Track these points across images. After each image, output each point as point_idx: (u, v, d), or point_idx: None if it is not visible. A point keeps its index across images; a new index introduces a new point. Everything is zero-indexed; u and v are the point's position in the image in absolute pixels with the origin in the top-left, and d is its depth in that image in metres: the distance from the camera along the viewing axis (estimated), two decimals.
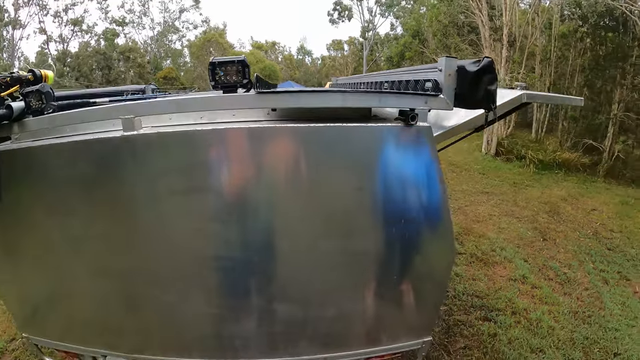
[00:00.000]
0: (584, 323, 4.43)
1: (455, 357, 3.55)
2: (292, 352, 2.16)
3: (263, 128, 1.77)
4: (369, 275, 2.09)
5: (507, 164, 12.12)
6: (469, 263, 5.21)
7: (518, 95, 2.08)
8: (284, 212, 1.92)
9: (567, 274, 5.49)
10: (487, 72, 1.73)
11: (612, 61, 13.66)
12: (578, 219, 8.00)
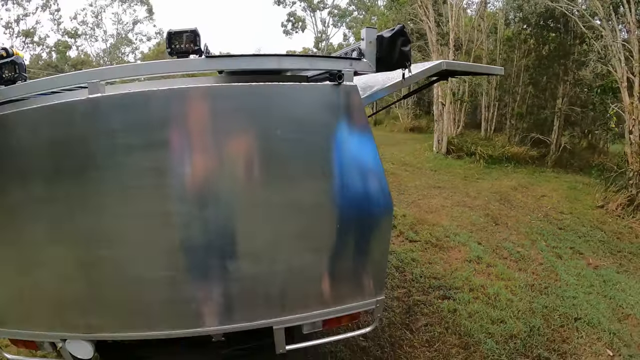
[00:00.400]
0: (542, 294, 4.88)
1: (418, 334, 3.77)
2: (249, 317, 2.29)
3: (210, 87, 2.16)
4: (313, 234, 2.31)
5: (458, 160, 12.92)
6: (425, 249, 5.54)
7: (438, 63, 2.45)
8: (232, 167, 2.13)
9: (521, 252, 6.02)
10: (400, 36, 2.17)
11: (555, 59, 15.18)
12: (528, 205, 8.70)
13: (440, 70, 2.47)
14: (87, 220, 2.04)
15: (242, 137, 2.11)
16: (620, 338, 4.22)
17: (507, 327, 4.05)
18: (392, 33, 2.17)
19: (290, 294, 2.35)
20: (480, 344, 3.71)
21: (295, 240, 2.28)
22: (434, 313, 4.11)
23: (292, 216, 2.22)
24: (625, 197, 9.36)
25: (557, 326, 4.26)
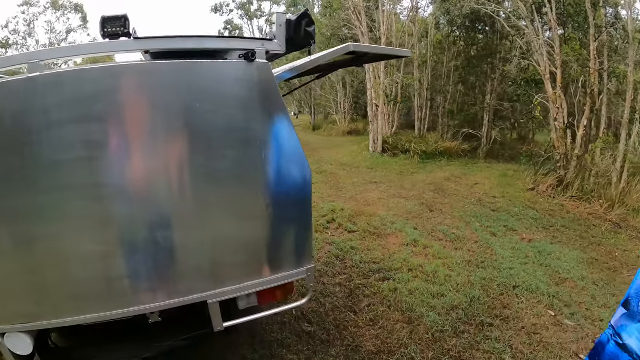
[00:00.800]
0: (479, 268, 5.26)
1: (362, 314, 3.93)
2: (182, 291, 2.35)
3: (137, 64, 2.40)
4: (237, 203, 2.45)
5: (394, 158, 13.55)
6: (363, 238, 5.76)
7: (346, 45, 2.70)
8: (159, 139, 2.26)
9: (456, 234, 6.45)
10: (304, 17, 2.50)
11: (482, 59, 16.57)
12: (462, 192, 9.30)
13: (348, 51, 2.70)
14: (22, 197, 2.08)
15: (166, 109, 2.25)
16: (560, 299, 4.66)
17: (448, 299, 4.33)
18: (297, 16, 2.50)
19: (220, 266, 2.44)
20: (423, 317, 3.94)
21: (219, 209, 2.38)
22: (376, 294, 4.30)
23: (216, 185, 2.36)
24: (554, 178, 10.26)
25: (497, 295, 4.62)
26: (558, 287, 5.03)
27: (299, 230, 2.65)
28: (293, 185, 2.55)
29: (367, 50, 3.03)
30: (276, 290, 2.65)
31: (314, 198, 7.03)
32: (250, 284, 2.50)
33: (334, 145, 16.54)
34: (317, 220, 6.18)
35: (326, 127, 25.69)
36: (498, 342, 3.74)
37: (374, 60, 3.50)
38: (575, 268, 5.66)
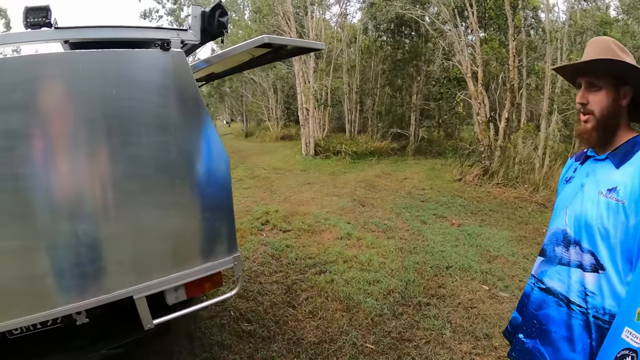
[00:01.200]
0: (411, 254, 5.44)
1: (301, 308, 3.92)
2: (106, 287, 2.25)
3: (55, 53, 2.30)
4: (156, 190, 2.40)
5: (326, 160, 13.77)
6: (298, 236, 5.77)
7: (261, 37, 2.74)
8: (76, 126, 2.19)
9: (388, 224, 6.65)
10: (218, 8, 2.56)
11: (408, 61, 17.38)
12: (392, 187, 9.61)
13: (262, 42, 2.72)
14: None
15: (83, 98, 2.21)
16: (493, 275, 4.91)
17: (384, 285, 4.42)
18: (211, 7, 2.56)
19: (144, 258, 2.36)
20: (361, 304, 3.99)
21: (139, 198, 2.32)
22: (313, 287, 4.31)
23: (135, 173, 2.30)
24: (480, 168, 10.91)
25: (431, 276, 4.78)
26: (490, 264, 5.30)
27: (222, 218, 2.63)
28: (212, 172, 2.55)
29: (282, 43, 3.06)
30: (204, 282, 2.59)
31: (247, 202, 7.04)
32: (177, 275, 2.43)
33: (267, 151, 16.54)
34: (251, 223, 6.13)
35: (259, 133, 25.68)
36: (437, 319, 3.86)
37: (291, 54, 3.53)
38: (504, 246, 5.98)
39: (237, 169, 11.24)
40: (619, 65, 1.42)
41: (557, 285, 1.53)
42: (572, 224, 1.52)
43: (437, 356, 3.33)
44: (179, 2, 23.79)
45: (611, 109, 1.47)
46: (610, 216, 1.38)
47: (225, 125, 45.79)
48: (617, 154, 1.48)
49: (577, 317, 1.44)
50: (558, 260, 1.55)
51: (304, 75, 15.14)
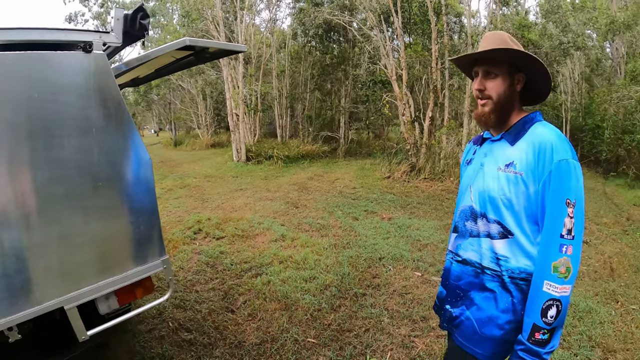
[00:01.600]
0: (345, 249, 5.60)
1: (240, 312, 3.92)
2: (34, 299, 2.15)
3: None
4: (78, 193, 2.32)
5: (258, 165, 13.76)
6: (232, 242, 5.73)
7: (182, 39, 2.74)
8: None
9: (321, 223, 6.81)
10: (140, 11, 2.56)
11: (337, 66, 17.94)
12: (324, 188, 9.80)
13: (184, 45, 2.73)
14: None
15: (4, 99, 2.11)
16: (425, 261, 5.20)
17: (320, 280, 4.52)
18: (133, 10, 2.55)
19: (72, 265, 2.27)
20: (299, 301, 4.06)
21: (63, 203, 2.24)
22: (250, 290, 4.32)
23: (58, 177, 2.23)
24: (407, 165, 11.41)
25: (365, 268, 4.96)
26: (420, 252, 5.58)
27: (147, 221, 2.58)
28: (135, 174, 2.52)
29: (203, 45, 3.07)
30: (135, 288, 2.53)
31: (178, 212, 6.91)
32: (106, 282, 2.36)
33: (198, 159, 16.23)
34: (184, 233, 6.01)
35: (188, 141, 25.01)
36: (374, 308, 4.02)
37: (214, 57, 3.53)
38: (433, 234, 6.31)
39: (166, 179, 10.94)
40: (513, 53, 1.58)
41: (472, 255, 1.68)
42: (477, 200, 1.68)
43: (377, 342, 3.48)
44: (105, 6, 22.85)
45: (507, 94, 1.63)
46: (511, 187, 1.55)
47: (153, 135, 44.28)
48: (510, 133, 1.65)
49: (494, 280, 1.60)
50: (469, 233, 1.71)
51: (233, 80, 15.03)
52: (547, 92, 1.73)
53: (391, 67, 11.80)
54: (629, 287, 5.03)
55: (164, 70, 3.69)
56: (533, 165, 1.51)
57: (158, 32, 26.61)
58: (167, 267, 2.68)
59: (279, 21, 21.24)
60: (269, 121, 24.21)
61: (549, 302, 1.43)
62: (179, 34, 17.78)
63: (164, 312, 3.81)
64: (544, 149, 1.50)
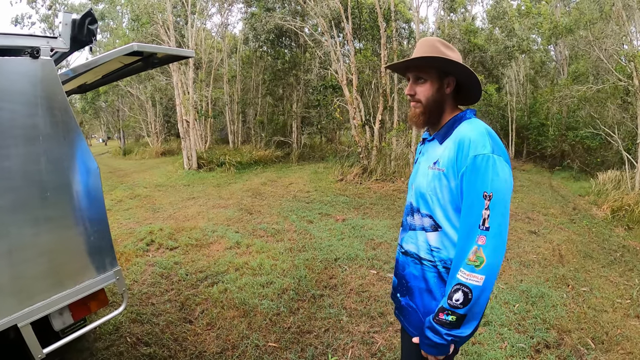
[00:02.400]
0: (301, 252, 5.68)
1: (198, 322, 3.88)
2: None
3: None
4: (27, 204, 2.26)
5: (210, 172, 13.60)
6: (186, 252, 5.66)
7: (130, 45, 2.72)
8: None
9: (276, 228, 6.85)
10: (88, 16, 2.52)
11: (288, 71, 18.07)
12: (278, 193, 9.84)
13: (132, 50, 2.71)
14: None
15: None
16: (379, 259, 5.37)
17: (277, 285, 4.56)
18: (82, 15, 2.50)
19: (22, 280, 2.19)
20: (257, 307, 4.08)
21: (9, 214, 2.16)
22: (207, 299, 4.28)
23: (2, 185, 2.15)
24: (359, 168, 11.64)
25: (322, 269, 5.05)
26: (375, 250, 5.74)
27: (98, 231, 2.53)
28: (84, 184, 2.48)
29: (151, 50, 3.05)
30: (89, 301, 2.47)
31: (130, 224, 6.76)
32: (60, 296, 2.30)
33: (148, 168, 15.81)
34: (136, 245, 5.86)
35: (138, 150, 24.21)
36: (332, 308, 4.11)
37: (163, 62, 3.49)
38: (387, 233, 6.48)
39: (116, 190, 10.60)
40: (438, 60, 1.66)
41: (411, 247, 1.80)
42: (414, 196, 1.81)
43: (338, 341, 3.56)
44: (53, 8, 21.89)
45: (435, 97, 1.72)
46: (436, 183, 1.66)
47: (101, 144, 42.72)
48: (440, 132, 1.76)
49: (430, 271, 1.71)
50: (409, 227, 1.83)
51: (183, 86, 14.76)
52: (479, 93, 1.81)
53: (342, 72, 12.02)
54: (578, 271, 5.38)
55: (112, 76, 3.63)
56: (453, 161, 1.60)
57: (107, 36, 25.80)
58: (120, 278, 2.64)
59: (231, 26, 21.18)
60: (221, 127, 23.94)
61: (457, 286, 1.51)
62: (128, 39, 17.34)
63: (121, 327, 3.72)
64: (462, 144, 1.58)
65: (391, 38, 12.60)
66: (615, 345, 3.74)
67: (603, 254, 6.32)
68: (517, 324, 3.95)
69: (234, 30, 21.64)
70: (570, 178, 13.99)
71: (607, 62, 11.72)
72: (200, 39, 17.63)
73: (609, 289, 4.98)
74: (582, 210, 9.28)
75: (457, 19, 17.76)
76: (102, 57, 2.66)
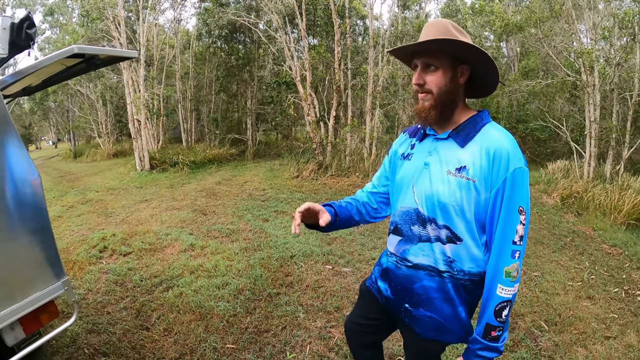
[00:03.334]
0: (256, 251, 5.74)
1: (155, 328, 3.86)
2: None
3: None
4: None
5: (163, 173, 13.34)
6: (140, 257, 5.57)
7: (70, 47, 2.68)
8: None
9: (231, 228, 6.86)
10: (26, 20, 2.52)
11: (242, 67, 17.88)
12: (233, 192, 9.84)
13: (72, 53, 2.66)
14: None
15: None
16: (334, 254, 5.53)
17: (233, 286, 4.60)
18: (20, 19, 2.50)
19: None
20: (213, 309, 4.10)
21: None
22: (163, 304, 4.26)
23: None
24: (314, 164, 11.76)
25: (277, 268, 5.13)
26: (330, 246, 5.88)
27: (42, 242, 2.47)
28: (24, 191, 2.38)
29: (93, 52, 3.00)
30: (39, 314, 2.43)
31: (82, 231, 6.62)
32: (9, 310, 2.25)
33: (99, 171, 15.31)
34: (88, 252, 5.72)
35: (89, 152, 23.21)
36: (289, 305, 4.19)
37: (106, 63, 3.44)
38: None
39: (67, 195, 10.21)
40: (452, 44, 1.47)
41: (424, 260, 1.65)
42: (424, 203, 1.61)
43: (295, 338, 3.65)
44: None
45: (449, 88, 1.54)
46: (463, 193, 1.51)
47: (51, 147, 40.96)
48: (459, 133, 1.58)
49: (449, 282, 1.63)
50: (418, 238, 1.66)
51: (134, 84, 14.30)
52: (495, 85, 1.66)
53: (295, 68, 12.05)
54: (530, 257, 5.70)
55: (56, 79, 3.57)
56: (487, 172, 1.48)
57: (57, 32, 24.65)
58: (69, 288, 2.60)
59: (184, 21, 20.68)
60: (174, 126, 23.43)
61: (503, 303, 1.50)
62: (77, 35, 16.66)
63: (78, 338, 3.66)
64: (499, 156, 1.46)
65: (345, 35, 12.75)
66: (568, 326, 4.01)
67: (554, 239, 6.72)
68: None
69: (187, 26, 21.08)
70: None
71: (556, 58, 12.31)
72: (152, 34, 17.20)
73: (560, 272, 5.31)
74: (532, 198, 9.75)
75: (411, 16, 18.11)
76: (42, 61, 2.62)
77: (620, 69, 10.78)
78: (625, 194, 8.49)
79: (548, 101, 15.10)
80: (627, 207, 7.97)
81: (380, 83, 12.73)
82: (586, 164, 10.95)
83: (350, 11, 12.85)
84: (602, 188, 9.24)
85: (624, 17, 9.86)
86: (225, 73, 18.49)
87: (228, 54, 18.04)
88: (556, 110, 14.51)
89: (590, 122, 10.75)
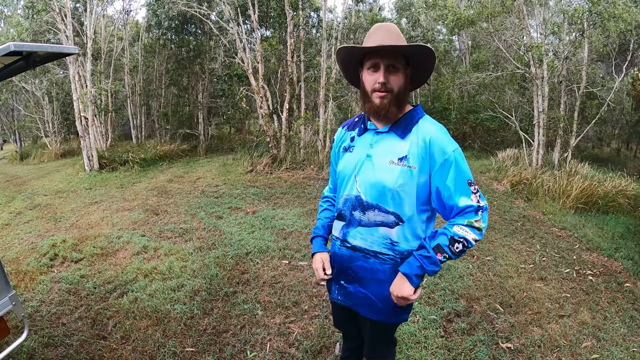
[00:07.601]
0: (211, 250, 5.70)
1: (112, 336, 3.77)
2: None
3: None
4: None
5: (113, 172, 12.86)
6: (92, 263, 5.40)
7: (7, 45, 2.49)
8: None
9: (184, 227, 6.78)
10: None
11: (193, 59, 17.39)
12: (185, 190, 9.71)
13: (9, 51, 2.52)
14: None
15: None
16: (291, 249, 5.60)
17: (189, 287, 4.57)
18: None
19: None
20: (170, 312, 4.06)
21: None
22: (119, 311, 4.17)
23: None
24: (269, 157, 11.75)
25: (233, 266, 5.13)
26: (286, 240, 5.92)
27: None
28: None
29: (31, 49, 2.85)
30: None
31: (31, 238, 6.42)
32: None
33: (47, 172, 14.54)
34: (39, 261, 5.45)
35: (36, 153, 21.92)
36: (247, 304, 4.21)
37: (46, 60, 3.28)
38: (297, 221, 6.70)
39: (14, 201, 9.66)
40: (424, 50, 1.68)
41: (361, 242, 1.84)
42: (367, 191, 1.79)
43: (255, 336, 3.68)
44: None
45: (405, 86, 1.75)
46: (407, 180, 1.70)
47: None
48: (399, 126, 1.78)
49: (387, 264, 1.82)
50: (357, 222, 1.84)
51: (81, 79, 13.55)
52: (421, 84, 1.94)
53: (248, 60, 11.88)
54: (482, 242, 5.97)
55: None
56: (425, 160, 1.68)
57: (0, 25, 23.08)
58: (17, 303, 2.52)
59: (133, 12, 19.84)
60: (123, 122, 22.61)
61: (460, 239, 1.66)
62: (22, 28, 15.72)
63: (35, 354, 3.52)
64: (434, 144, 1.67)
65: (298, 26, 12.68)
66: (522, 307, 4.22)
67: (505, 224, 7.02)
68: (426, 297, 4.31)
69: (136, 17, 20.20)
70: (472, 157, 15.18)
71: (506, 52, 12.89)
72: (100, 26, 16.44)
73: (513, 256, 5.56)
74: (483, 185, 10.15)
75: (364, 9, 18.22)
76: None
77: (569, 62, 11.41)
78: (573, 179, 8.98)
79: (498, 92, 15.75)
80: (575, 192, 8.43)
81: (333, 75, 12.77)
82: (535, 152, 11.53)
83: (304, 3, 12.81)
84: (551, 174, 9.78)
85: (573, 13, 10.42)
86: (175, 66, 17.97)
87: (178, 46, 17.46)
88: (506, 101, 15.08)
89: (538, 112, 11.33)
